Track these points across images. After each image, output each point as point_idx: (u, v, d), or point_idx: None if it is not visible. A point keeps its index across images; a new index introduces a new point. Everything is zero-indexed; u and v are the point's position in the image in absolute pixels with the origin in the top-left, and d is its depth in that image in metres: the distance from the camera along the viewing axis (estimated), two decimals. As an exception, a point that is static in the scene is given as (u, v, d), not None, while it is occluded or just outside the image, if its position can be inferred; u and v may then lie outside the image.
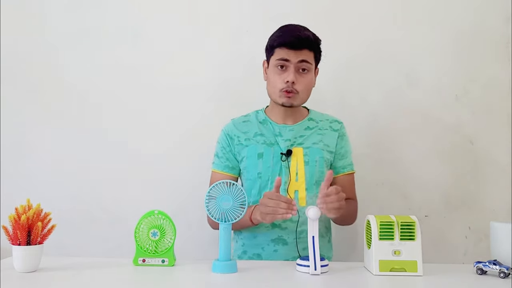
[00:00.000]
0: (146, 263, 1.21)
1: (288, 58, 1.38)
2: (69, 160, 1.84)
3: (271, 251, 1.41)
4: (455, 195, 1.79)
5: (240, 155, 1.47)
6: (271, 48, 1.43)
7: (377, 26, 1.83)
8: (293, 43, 1.38)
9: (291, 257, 1.40)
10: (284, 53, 1.39)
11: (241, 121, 1.52)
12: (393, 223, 1.15)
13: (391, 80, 1.82)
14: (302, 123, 1.49)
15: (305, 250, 1.41)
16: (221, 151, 1.50)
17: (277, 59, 1.40)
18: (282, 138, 1.46)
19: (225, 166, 1.49)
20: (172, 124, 1.84)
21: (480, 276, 1.14)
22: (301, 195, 1.41)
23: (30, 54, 1.87)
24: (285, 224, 1.41)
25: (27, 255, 1.12)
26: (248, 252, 1.45)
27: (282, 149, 1.44)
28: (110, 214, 1.82)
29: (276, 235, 1.41)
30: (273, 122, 1.49)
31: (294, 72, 1.38)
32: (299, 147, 1.45)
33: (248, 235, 1.45)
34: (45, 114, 1.86)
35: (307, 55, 1.40)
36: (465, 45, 1.81)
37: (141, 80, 1.85)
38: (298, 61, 1.39)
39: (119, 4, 1.87)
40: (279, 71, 1.41)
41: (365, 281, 1.11)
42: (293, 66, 1.39)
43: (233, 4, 1.85)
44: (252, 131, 1.48)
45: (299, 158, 1.43)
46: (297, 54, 1.38)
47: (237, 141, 1.48)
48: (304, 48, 1.39)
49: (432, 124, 1.81)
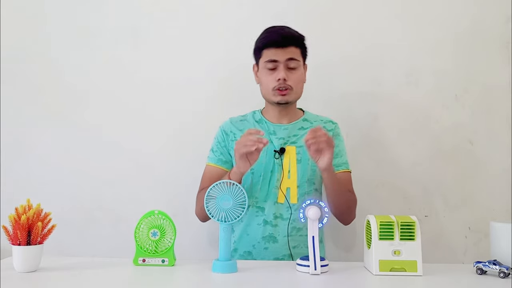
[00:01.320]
0: (146, 263, 1.21)
1: (276, 58, 1.42)
2: (69, 160, 1.84)
3: (262, 248, 1.43)
4: (455, 195, 1.79)
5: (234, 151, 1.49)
6: (259, 51, 1.47)
7: (377, 26, 1.82)
8: (279, 42, 1.42)
9: (281, 254, 1.42)
10: (271, 53, 1.43)
11: (238, 119, 1.56)
12: (393, 223, 1.15)
13: (391, 80, 1.82)
14: (296, 123, 1.52)
15: (295, 248, 1.43)
16: (216, 145, 1.53)
17: (266, 60, 1.44)
18: (276, 136, 1.48)
19: (218, 159, 1.51)
20: (173, 124, 1.84)
21: (480, 276, 1.14)
22: (292, 192, 1.44)
23: (30, 54, 1.87)
24: (276, 222, 1.43)
25: (27, 255, 1.12)
26: (239, 250, 1.47)
27: (275, 147, 1.47)
28: (110, 214, 1.82)
29: (267, 232, 1.43)
30: (268, 121, 1.52)
31: (284, 70, 1.42)
32: (292, 146, 1.47)
33: (240, 233, 1.47)
34: (45, 114, 1.86)
35: (294, 52, 1.44)
36: (465, 45, 1.81)
37: (141, 79, 1.85)
38: (286, 59, 1.43)
39: (119, 4, 1.87)
40: (269, 72, 1.44)
41: (365, 281, 1.12)
42: (283, 65, 1.43)
43: (233, 3, 1.85)
44: (248, 129, 1.50)
45: (292, 156, 1.45)
46: (284, 52, 1.42)
47: (232, 137, 1.51)
48: (290, 45, 1.43)
49: (432, 124, 1.81)
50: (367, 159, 1.80)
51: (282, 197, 1.43)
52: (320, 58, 1.81)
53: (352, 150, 1.77)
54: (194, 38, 1.85)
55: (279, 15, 1.82)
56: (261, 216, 1.44)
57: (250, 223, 1.45)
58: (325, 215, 1.16)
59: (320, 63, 1.78)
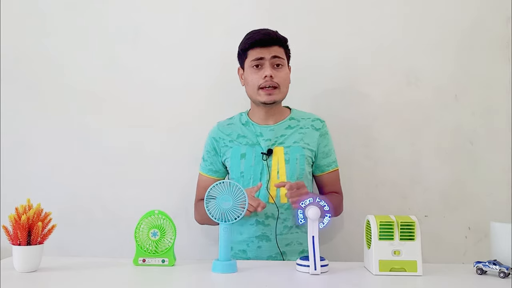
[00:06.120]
0: (146, 263, 1.21)
1: (262, 56, 1.46)
2: (69, 160, 1.84)
3: (255, 247, 1.46)
4: (455, 195, 1.79)
5: (225, 156, 1.53)
6: (244, 52, 1.50)
7: (377, 26, 1.82)
8: (264, 41, 1.46)
9: (274, 253, 1.45)
10: (256, 52, 1.46)
11: (225, 124, 1.58)
12: (393, 223, 1.15)
13: (391, 80, 1.82)
14: (283, 122, 1.53)
15: (289, 245, 1.45)
16: (207, 154, 1.57)
17: (252, 59, 1.47)
18: (263, 138, 1.50)
19: (209, 169, 1.56)
20: (173, 123, 1.84)
21: (480, 276, 1.14)
22: (282, 192, 1.44)
23: (30, 54, 1.87)
24: (268, 221, 1.45)
25: (27, 255, 1.12)
26: (234, 249, 1.49)
27: (263, 149, 1.48)
28: (110, 214, 1.82)
29: (260, 231, 1.45)
30: (255, 123, 1.53)
31: (270, 68, 1.45)
32: (280, 146, 1.49)
33: (234, 232, 1.49)
34: (45, 114, 1.86)
35: (278, 51, 1.47)
36: (465, 45, 1.81)
37: (141, 79, 1.85)
38: (271, 56, 1.46)
39: (119, 4, 1.87)
40: (255, 70, 1.47)
41: (365, 281, 1.11)
42: (268, 63, 1.46)
43: (233, 4, 1.85)
44: (235, 133, 1.54)
45: (280, 157, 1.47)
46: (269, 51, 1.46)
47: (222, 143, 1.54)
48: (274, 44, 1.47)
49: (432, 124, 1.81)
50: (367, 159, 1.80)
51: (272, 198, 1.45)
52: (320, 58, 1.81)
53: (352, 150, 1.78)
54: (193, 39, 1.85)
55: (279, 16, 1.82)
56: (254, 217, 1.46)
57: (243, 223, 1.47)
58: (326, 214, 1.16)
59: (320, 63, 1.79)
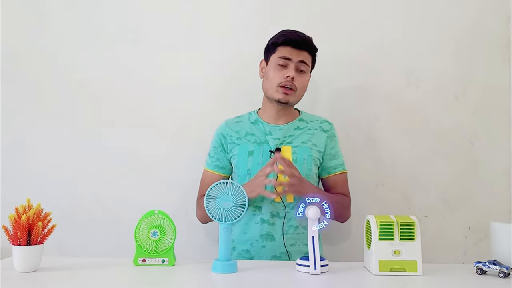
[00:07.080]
0: (146, 263, 1.21)
1: (290, 56, 1.46)
2: (69, 160, 1.84)
3: (260, 247, 1.44)
4: (455, 195, 1.79)
5: (231, 153, 1.52)
6: (274, 46, 1.49)
7: (377, 26, 1.82)
8: (296, 42, 1.46)
9: (279, 252, 1.43)
10: (286, 51, 1.46)
11: (234, 121, 1.58)
12: (393, 223, 1.15)
13: (391, 80, 1.82)
14: (292, 123, 1.54)
15: (293, 246, 1.44)
16: (213, 150, 1.56)
17: (279, 56, 1.47)
18: (272, 137, 1.50)
19: (215, 165, 1.54)
20: (173, 123, 1.84)
21: (480, 276, 1.14)
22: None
23: (30, 53, 1.87)
24: (273, 220, 1.44)
25: (27, 255, 1.12)
26: (237, 249, 1.48)
27: (271, 147, 1.48)
28: (110, 214, 1.82)
29: (265, 231, 1.44)
30: (264, 122, 1.53)
31: (294, 70, 1.46)
32: (288, 146, 1.49)
33: (238, 231, 1.48)
34: (45, 114, 1.86)
35: (306, 57, 1.49)
36: (465, 45, 1.81)
37: (141, 79, 1.85)
38: (298, 60, 1.46)
39: (119, 4, 1.87)
40: (279, 68, 1.47)
41: (365, 281, 1.12)
42: (294, 65, 1.46)
43: (233, 4, 1.85)
44: (243, 131, 1.53)
45: (288, 156, 1.46)
46: (298, 54, 1.47)
47: (229, 139, 1.53)
48: (305, 49, 1.48)
49: (432, 124, 1.81)
50: (367, 159, 1.80)
51: (278, 196, 1.43)
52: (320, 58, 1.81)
53: (352, 150, 1.77)
54: (193, 39, 1.85)
55: (280, 16, 1.82)
56: (259, 215, 1.45)
57: (248, 222, 1.46)
58: (324, 219, 1.16)
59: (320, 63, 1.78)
